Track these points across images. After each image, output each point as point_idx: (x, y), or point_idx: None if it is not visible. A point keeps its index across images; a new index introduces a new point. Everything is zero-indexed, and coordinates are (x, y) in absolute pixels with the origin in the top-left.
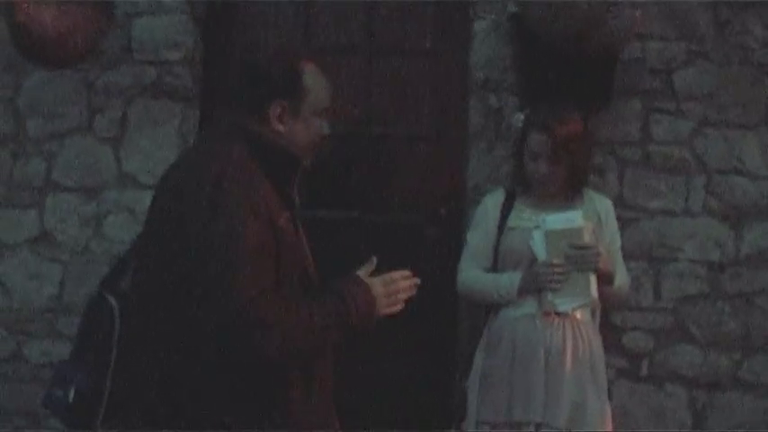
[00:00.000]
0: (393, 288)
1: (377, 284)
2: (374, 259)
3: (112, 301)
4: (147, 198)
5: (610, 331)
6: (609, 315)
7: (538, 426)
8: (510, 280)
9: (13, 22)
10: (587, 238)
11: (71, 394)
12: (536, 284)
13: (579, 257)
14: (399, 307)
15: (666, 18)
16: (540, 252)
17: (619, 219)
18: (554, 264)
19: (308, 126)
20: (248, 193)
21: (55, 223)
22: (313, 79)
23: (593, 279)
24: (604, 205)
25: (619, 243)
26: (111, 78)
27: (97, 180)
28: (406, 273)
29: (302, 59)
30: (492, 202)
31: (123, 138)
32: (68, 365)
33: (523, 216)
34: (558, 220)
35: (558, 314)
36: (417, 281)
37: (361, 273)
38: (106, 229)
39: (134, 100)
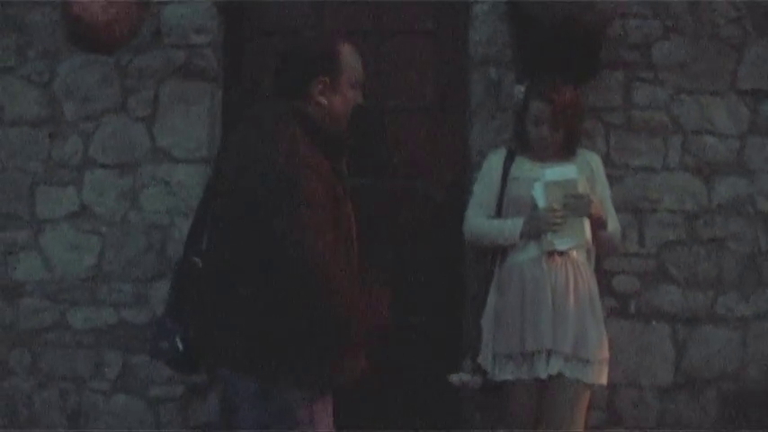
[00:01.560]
0: None
1: None
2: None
3: (197, 260)
4: (180, 171)
5: (601, 275)
6: (600, 261)
7: (548, 352)
8: (513, 224)
9: (68, 13)
10: (581, 189)
11: (179, 345)
12: (538, 228)
13: (574, 204)
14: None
15: None
16: (541, 200)
17: (606, 176)
18: (553, 209)
19: (345, 98)
20: (314, 166)
21: (93, 198)
22: (348, 57)
23: (586, 223)
24: (594, 160)
25: (609, 192)
26: (142, 62)
27: (132, 156)
28: None
29: (338, 41)
30: (496, 158)
31: (156, 116)
32: (167, 320)
33: (524, 168)
34: (556, 173)
35: (558, 253)
36: None
37: None
38: (142, 201)
39: (165, 81)
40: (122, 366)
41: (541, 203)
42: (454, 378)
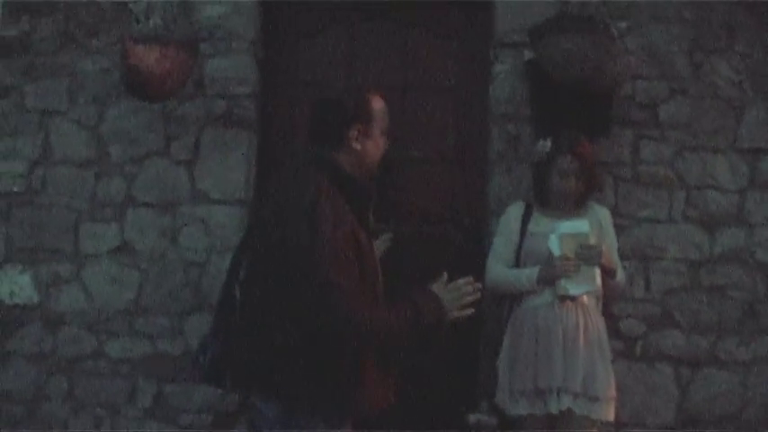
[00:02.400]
0: (457, 294)
1: (444, 292)
2: (445, 274)
3: (236, 289)
4: (217, 211)
5: (609, 319)
6: (608, 305)
7: (558, 390)
8: (531, 272)
9: (126, 64)
10: (592, 241)
11: (208, 359)
12: (553, 274)
13: (587, 254)
14: (469, 311)
15: (652, 62)
16: (556, 249)
17: (615, 225)
18: (567, 258)
19: (377, 144)
20: (336, 214)
21: (134, 235)
22: (378, 107)
23: (597, 271)
24: (604, 214)
25: (616, 244)
26: (185, 110)
27: (173, 197)
28: (470, 279)
29: (369, 92)
30: (514, 213)
31: (196, 160)
32: (209, 338)
33: (541, 223)
34: (570, 226)
35: (570, 299)
36: (480, 285)
37: (435, 285)
38: (181, 239)
39: (206, 128)
40: (156, 395)
41: (556, 252)
42: (472, 418)
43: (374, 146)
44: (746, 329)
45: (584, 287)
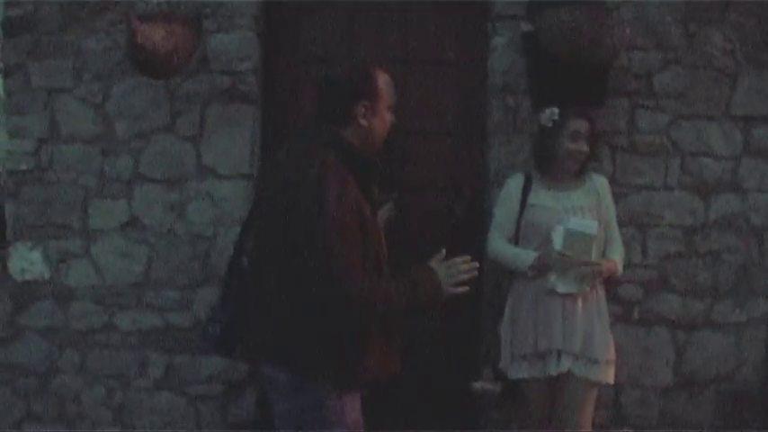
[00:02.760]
0: (454, 270)
1: (441, 268)
2: (443, 251)
3: (244, 260)
4: (223, 186)
5: (607, 284)
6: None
7: (558, 352)
8: (527, 256)
9: (133, 43)
10: (594, 249)
11: (218, 329)
12: (546, 266)
13: (585, 271)
14: (465, 288)
15: (646, 33)
16: (558, 243)
17: (612, 194)
18: (564, 254)
19: (383, 120)
20: (341, 188)
21: (142, 210)
22: (384, 82)
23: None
24: (602, 183)
25: (614, 213)
26: (190, 86)
27: (179, 172)
28: (467, 257)
29: (375, 68)
30: (514, 185)
31: (202, 136)
32: (218, 308)
33: (540, 195)
34: (578, 223)
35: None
36: (476, 264)
37: (432, 261)
38: (188, 213)
39: (210, 104)
40: (166, 366)
41: (557, 246)
42: (476, 386)
43: (380, 121)
44: (740, 292)
45: (574, 288)
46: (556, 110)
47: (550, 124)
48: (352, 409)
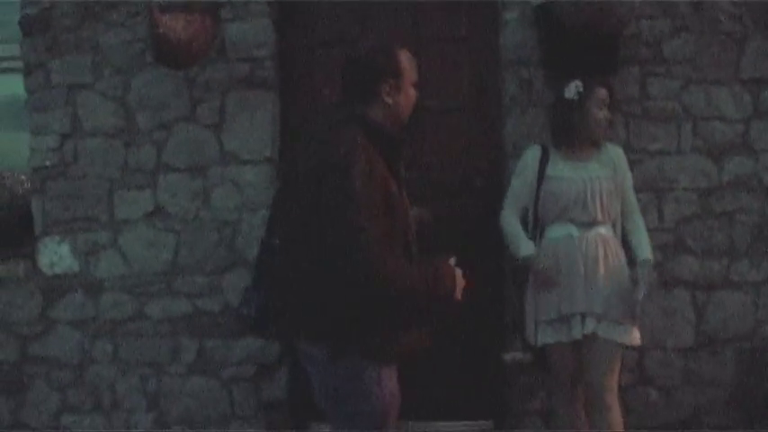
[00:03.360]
0: (459, 278)
1: (459, 274)
2: (454, 258)
3: (276, 241)
4: (247, 171)
5: (627, 248)
6: (625, 236)
7: (582, 316)
8: (525, 248)
9: (155, 33)
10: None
11: (253, 309)
12: (536, 279)
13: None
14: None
15: (654, 2)
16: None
17: (628, 160)
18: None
19: (408, 97)
20: (369, 167)
21: (167, 199)
22: (406, 60)
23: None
24: (617, 153)
25: (631, 182)
26: (209, 75)
27: (202, 160)
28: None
29: (397, 47)
30: (532, 156)
31: (223, 123)
32: (251, 290)
33: (558, 166)
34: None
35: (588, 228)
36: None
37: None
38: (213, 200)
39: (230, 91)
40: (198, 351)
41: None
42: (507, 357)
43: (405, 98)
44: (756, 252)
45: None
46: (579, 83)
47: (576, 97)
48: (389, 379)
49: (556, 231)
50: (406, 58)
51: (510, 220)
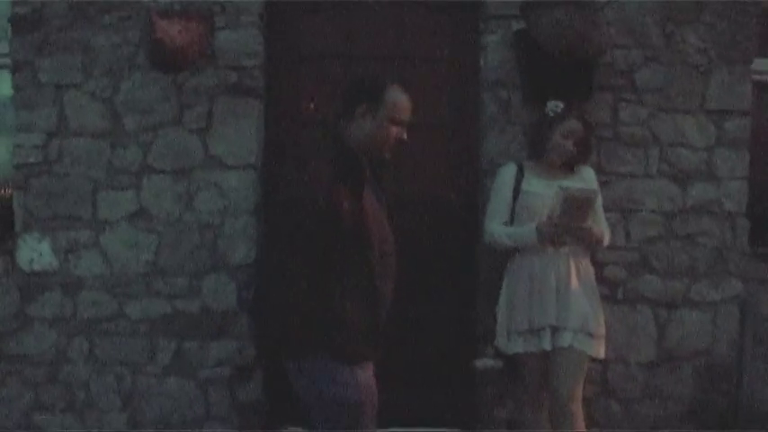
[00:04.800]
0: None
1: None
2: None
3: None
4: (230, 176)
5: (594, 266)
6: (594, 254)
7: (553, 328)
8: (530, 231)
9: (153, 38)
10: (594, 207)
11: (251, 293)
12: (547, 236)
13: (579, 234)
14: None
15: (628, 33)
16: (554, 208)
17: (598, 182)
18: (555, 224)
19: (381, 128)
20: (328, 201)
21: (151, 200)
22: (392, 95)
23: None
24: (588, 172)
25: (600, 200)
26: (197, 81)
27: (187, 163)
28: None
29: (389, 80)
30: (508, 173)
31: (209, 128)
32: (252, 276)
33: (533, 183)
34: (577, 189)
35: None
36: None
37: None
38: (196, 203)
39: (217, 98)
40: (175, 352)
41: (557, 211)
42: (479, 364)
43: (378, 129)
44: (716, 273)
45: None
46: (561, 104)
47: (551, 114)
48: (363, 375)
49: (529, 250)
50: (393, 92)
51: (498, 227)
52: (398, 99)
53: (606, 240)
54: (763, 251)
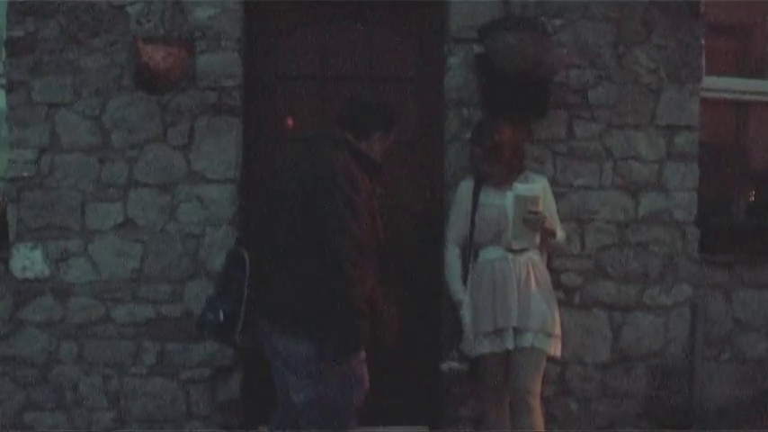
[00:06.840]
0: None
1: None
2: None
3: (245, 253)
4: (211, 189)
5: (551, 272)
6: (551, 261)
7: (515, 329)
8: (455, 292)
9: (138, 62)
10: (540, 203)
11: (221, 316)
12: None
13: (532, 219)
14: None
15: (582, 53)
16: (510, 210)
17: (554, 193)
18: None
19: (384, 148)
20: (356, 179)
21: (137, 212)
22: (398, 123)
23: (537, 235)
24: (542, 182)
25: (555, 207)
26: (180, 100)
27: (170, 177)
28: None
29: (394, 110)
30: (466, 188)
31: (191, 145)
32: (215, 298)
33: (489, 195)
34: (525, 188)
35: (519, 252)
36: None
37: None
38: (179, 214)
39: (199, 116)
40: (158, 354)
41: (509, 210)
42: (444, 366)
43: (382, 148)
44: (667, 279)
45: (525, 244)
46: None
47: (469, 135)
48: (358, 364)
49: (491, 253)
50: (398, 122)
51: (449, 257)
52: (398, 126)
53: (561, 238)
54: (712, 258)
